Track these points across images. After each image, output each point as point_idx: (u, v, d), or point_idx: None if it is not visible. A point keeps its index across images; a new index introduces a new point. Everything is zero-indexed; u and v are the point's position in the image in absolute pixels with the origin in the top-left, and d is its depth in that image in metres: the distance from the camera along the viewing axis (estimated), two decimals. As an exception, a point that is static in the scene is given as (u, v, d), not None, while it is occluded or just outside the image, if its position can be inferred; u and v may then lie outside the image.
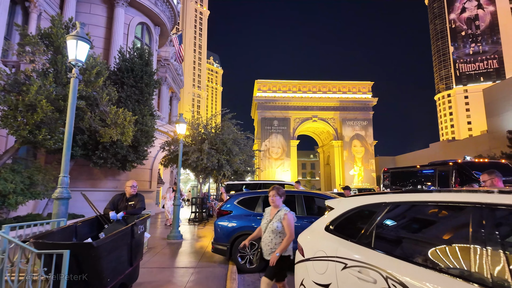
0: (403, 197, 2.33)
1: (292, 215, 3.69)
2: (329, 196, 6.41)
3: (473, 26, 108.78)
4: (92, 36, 16.36)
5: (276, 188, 3.82)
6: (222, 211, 6.65)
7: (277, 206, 3.78)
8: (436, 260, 1.78)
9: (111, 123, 9.30)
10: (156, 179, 17.87)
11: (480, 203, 1.72)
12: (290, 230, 3.54)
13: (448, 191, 2.03)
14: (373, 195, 2.58)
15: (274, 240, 3.59)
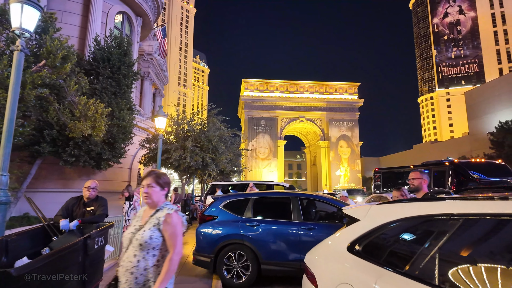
0: (486, 206, 1.49)
1: (180, 218, 2.14)
2: (331, 199, 5.60)
3: (455, 30, 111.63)
4: (66, 23, 15.08)
5: (154, 173, 2.24)
6: (206, 216, 5.73)
7: (155, 203, 2.18)
8: None
9: (81, 115, 8.20)
10: (136, 180, 16.66)
11: None
12: (175, 243, 2.02)
13: None
14: (428, 203, 1.75)
15: (142, 264, 2.00)
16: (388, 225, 1.83)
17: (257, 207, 5.62)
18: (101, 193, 14.10)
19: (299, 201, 5.44)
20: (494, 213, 1.41)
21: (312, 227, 5.09)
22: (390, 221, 1.82)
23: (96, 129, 8.35)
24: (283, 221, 5.36)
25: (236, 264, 5.26)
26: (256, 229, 5.33)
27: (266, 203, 5.75)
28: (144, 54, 23.29)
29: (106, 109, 8.78)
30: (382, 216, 1.91)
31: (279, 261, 5.13)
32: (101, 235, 3.65)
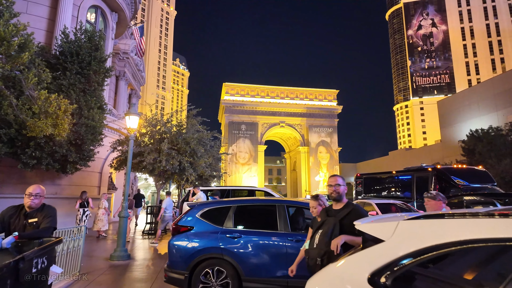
0: None
1: None
2: None
3: (428, 42, 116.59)
4: (31, 15, 13.94)
5: None
6: (180, 227, 5.04)
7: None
8: None
9: (40, 112, 7.28)
10: (106, 184, 15.55)
11: None
12: None
13: None
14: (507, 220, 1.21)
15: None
16: (433, 250, 1.28)
17: (239, 216, 5.00)
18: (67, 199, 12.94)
19: (286, 209, 4.87)
20: None
21: (300, 239, 4.53)
22: (436, 244, 1.28)
23: (58, 128, 7.45)
24: (268, 232, 4.77)
25: (214, 282, 4.60)
26: (238, 241, 4.71)
27: (249, 212, 5.15)
28: (120, 53, 22.19)
29: (70, 106, 7.88)
30: (421, 236, 1.37)
31: (263, 278, 4.53)
32: (43, 254, 2.89)
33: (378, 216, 1.98)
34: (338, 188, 3.17)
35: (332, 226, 2.93)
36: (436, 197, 3.86)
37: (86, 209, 11.85)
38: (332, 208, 3.19)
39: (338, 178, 3.26)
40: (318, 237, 3.01)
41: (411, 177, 12.63)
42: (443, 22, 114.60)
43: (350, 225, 2.38)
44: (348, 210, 3.03)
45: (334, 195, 3.20)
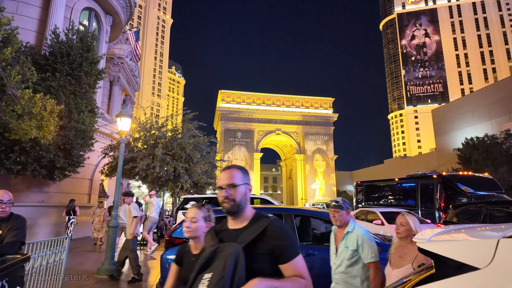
0: None
1: None
2: (326, 214, 4.57)
3: (421, 52, 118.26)
4: (22, 15, 13.44)
5: None
6: (174, 239, 4.49)
7: (345, 223, 3.05)
8: None
9: (23, 112, 6.72)
10: (97, 192, 14.86)
11: None
12: None
13: None
14: None
15: None
16: None
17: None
18: (56, 207, 12.18)
19: (293, 219, 4.36)
20: None
21: (311, 253, 4.02)
22: None
23: (43, 130, 6.88)
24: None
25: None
26: (240, 255, 4.18)
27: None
28: (114, 57, 21.72)
29: (57, 107, 7.33)
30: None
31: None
32: (3, 276, 2.34)
33: (446, 228, 1.49)
34: (233, 191, 1.58)
35: (229, 264, 1.36)
36: (344, 206, 2.91)
37: (71, 217, 11.50)
38: (229, 228, 1.63)
39: (235, 173, 1.63)
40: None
41: (415, 184, 12.21)
42: (436, 32, 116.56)
43: (266, 256, 1.44)
44: (261, 229, 1.51)
45: (227, 205, 1.58)
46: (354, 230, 2.88)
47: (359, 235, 2.82)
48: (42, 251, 4.70)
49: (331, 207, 2.99)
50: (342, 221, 2.94)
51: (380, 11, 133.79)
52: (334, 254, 3.02)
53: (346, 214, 2.96)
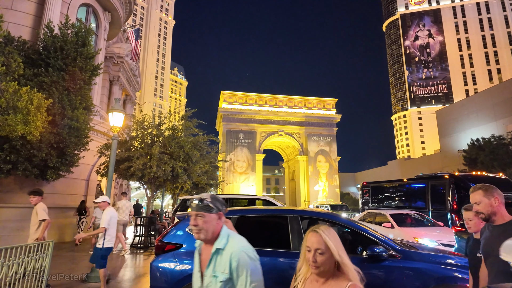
0: None
1: None
2: (346, 220, 4.04)
3: (425, 53, 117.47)
4: (16, 11, 13.05)
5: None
6: (166, 244, 3.98)
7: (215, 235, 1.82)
8: None
9: (8, 106, 6.26)
10: (94, 193, 14.39)
11: None
12: None
13: None
14: None
15: None
16: None
17: (240, 231, 3.96)
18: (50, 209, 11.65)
19: (300, 222, 3.84)
20: None
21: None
22: None
23: (30, 126, 6.40)
24: (278, 251, 3.73)
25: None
26: (239, 263, 3.66)
27: (253, 225, 4.11)
28: (114, 56, 21.34)
29: (45, 101, 6.86)
30: None
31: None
32: None
33: None
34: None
35: None
36: (214, 207, 1.88)
37: (83, 217, 11.91)
38: None
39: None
40: None
41: (425, 185, 11.64)
42: (439, 33, 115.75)
43: None
44: None
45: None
46: (227, 246, 1.80)
47: (234, 253, 1.75)
48: (19, 258, 4.21)
49: (192, 208, 1.87)
50: (210, 232, 1.84)
51: (383, 11, 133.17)
52: (198, 285, 1.92)
53: (216, 220, 1.87)
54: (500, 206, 2.28)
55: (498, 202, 2.28)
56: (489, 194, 2.31)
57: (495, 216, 2.28)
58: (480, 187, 2.36)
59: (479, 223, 2.89)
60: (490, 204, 2.28)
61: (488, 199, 2.29)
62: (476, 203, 2.35)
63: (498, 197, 2.29)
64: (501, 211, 2.28)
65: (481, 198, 2.32)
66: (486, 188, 2.34)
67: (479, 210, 2.32)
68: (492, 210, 2.28)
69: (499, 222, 2.28)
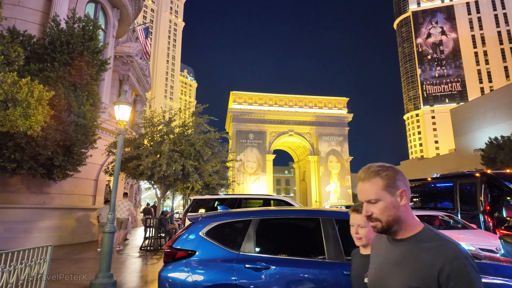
0: None
1: None
2: None
3: (438, 50, 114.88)
4: (25, 7, 12.81)
5: None
6: (176, 251, 3.40)
7: None
8: None
9: (6, 99, 5.81)
10: (103, 193, 14.01)
11: None
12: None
13: None
14: None
15: None
16: None
17: (263, 235, 3.36)
18: (57, 210, 11.17)
19: (335, 225, 3.21)
20: None
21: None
22: None
23: (30, 120, 5.94)
24: (309, 261, 3.11)
25: None
26: (263, 274, 3.06)
27: (278, 229, 3.50)
28: (124, 56, 21.09)
29: (47, 93, 6.40)
30: None
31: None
32: None
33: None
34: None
35: None
36: None
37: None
38: None
39: None
40: None
41: (453, 184, 10.80)
42: (452, 30, 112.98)
43: None
44: None
45: None
46: None
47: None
48: (10, 265, 3.70)
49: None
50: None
51: (394, 9, 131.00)
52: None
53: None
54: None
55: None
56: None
57: None
58: None
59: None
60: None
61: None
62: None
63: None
64: None
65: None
66: None
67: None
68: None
69: None
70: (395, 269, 1.22)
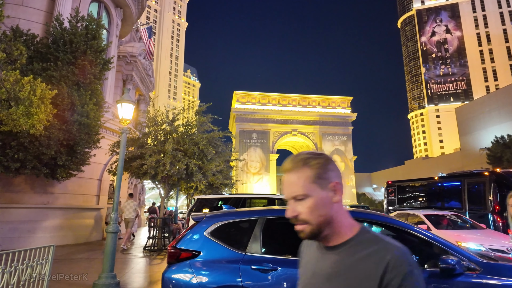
0: None
1: None
2: (411, 226, 3.26)
3: (442, 49, 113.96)
4: (28, 7, 12.80)
5: None
6: (180, 252, 3.30)
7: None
8: None
9: (9, 98, 5.76)
10: (107, 193, 13.99)
11: None
12: None
13: None
14: None
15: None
16: None
17: (269, 235, 3.25)
18: (61, 210, 11.12)
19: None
20: None
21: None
22: None
23: (32, 119, 5.88)
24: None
25: None
26: (269, 276, 2.96)
27: (285, 229, 3.38)
28: (127, 56, 21.07)
29: (49, 92, 6.35)
30: None
31: None
32: None
33: None
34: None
35: None
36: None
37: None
38: None
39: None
40: None
41: (461, 183, 10.61)
42: (457, 28, 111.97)
43: None
44: None
45: None
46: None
47: None
48: (10, 265, 3.62)
49: None
50: None
51: (398, 8, 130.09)
52: None
53: None
54: None
55: None
56: None
57: None
58: None
59: None
60: None
61: None
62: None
63: None
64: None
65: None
66: None
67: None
68: None
69: None
70: (326, 285, 0.97)
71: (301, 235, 1.00)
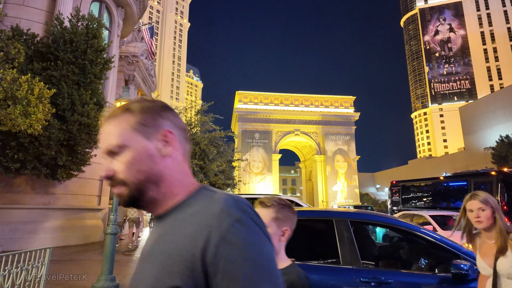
0: None
1: None
2: (417, 227, 3.12)
3: (446, 48, 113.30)
4: (29, 7, 12.73)
5: None
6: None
7: None
8: None
9: (6, 97, 5.67)
10: (108, 194, 13.92)
11: None
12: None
13: None
14: None
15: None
16: None
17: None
18: (62, 210, 11.03)
19: (350, 227, 2.94)
20: None
21: (383, 280, 2.59)
22: None
23: (30, 118, 5.79)
24: (322, 266, 2.86)
25: None
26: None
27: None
28: (129, 56, 21.02)
29: (48, 91, 6.25)
30: None
31: None
32: None
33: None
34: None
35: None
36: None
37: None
38: None
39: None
40: None
41: (467, 183, 10.41)
42: (461, 26, 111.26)
43: None
44: None
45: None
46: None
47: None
48: (4, 269, 3.51)
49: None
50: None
51: (401, 6, 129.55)
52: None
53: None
54: None
55: None
56: None
57: None
58: None
59: None
60: None
61: None
62: None
63: None
64: None
65: None
66: None
67: None
68: None
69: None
70: (142, 266, 0.72)
71: (120, 201, 0.75)
